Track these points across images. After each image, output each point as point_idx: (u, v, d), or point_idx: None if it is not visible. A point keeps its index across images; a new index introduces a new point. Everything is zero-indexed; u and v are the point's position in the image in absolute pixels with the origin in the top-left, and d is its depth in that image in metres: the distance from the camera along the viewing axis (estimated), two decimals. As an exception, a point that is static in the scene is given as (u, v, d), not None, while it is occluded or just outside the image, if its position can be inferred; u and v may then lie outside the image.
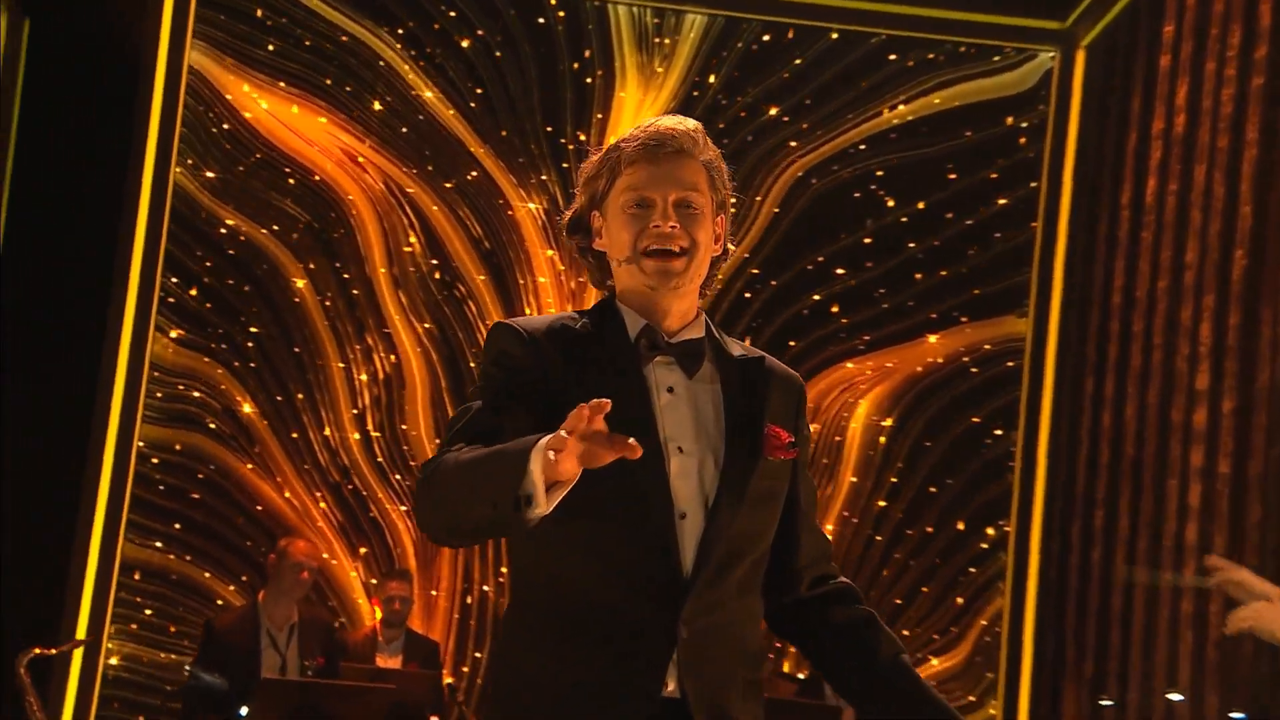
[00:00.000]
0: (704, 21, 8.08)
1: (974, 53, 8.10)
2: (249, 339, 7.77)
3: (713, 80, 8.05)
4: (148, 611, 7.52)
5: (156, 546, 7.55)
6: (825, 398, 8.00)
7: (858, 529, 7.96)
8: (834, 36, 8.09)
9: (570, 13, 8.02)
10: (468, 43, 7.99)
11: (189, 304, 7.70)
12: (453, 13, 7.97)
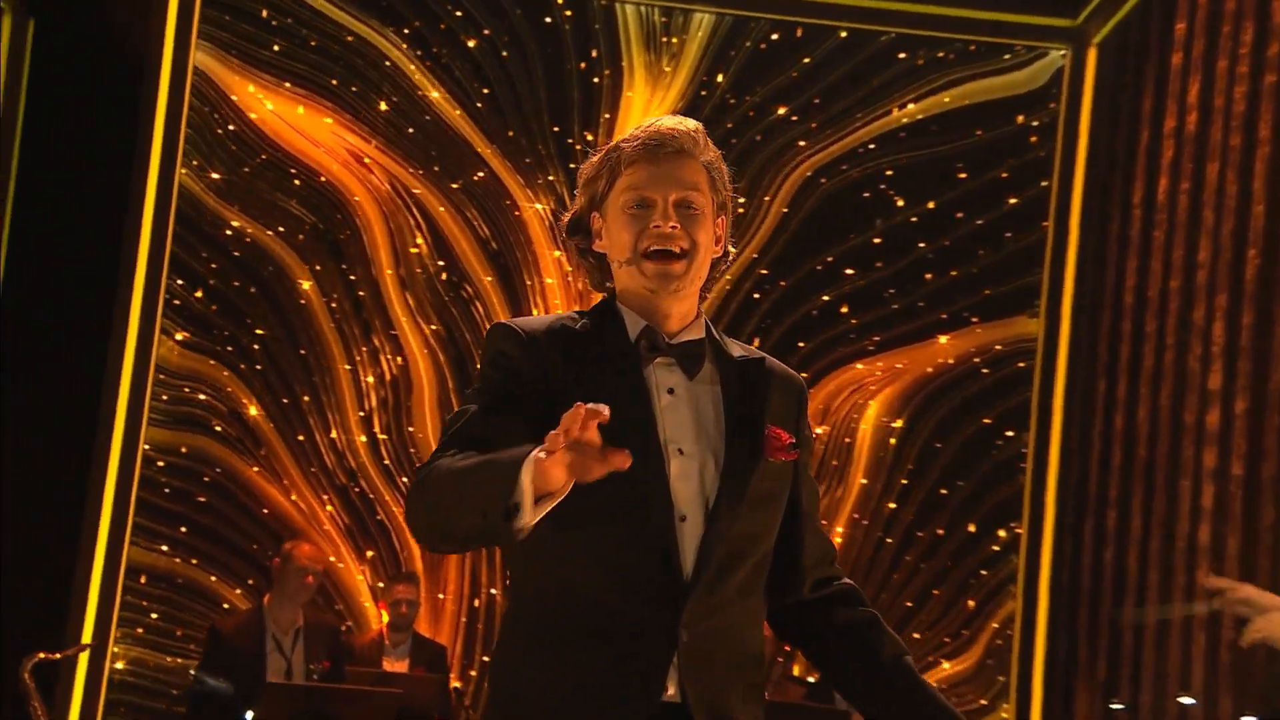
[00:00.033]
0: (712, 20, 8.04)
1: (984, 51, 8.07)
2: (255, 341, 7.76)
3: (721, 79, 8.00)
4: (153, 615, 7.49)
5: (162, 550, 7.53)
6: (835, 399, 7.96)
7: (868, 531, 7.92)
8: (843, 35, 8.05)
9: (577, 12, 7.99)
10: (474, 42, 7.96)
11: (194, 306, 7.68)
12: (459, 12, 7.94)
